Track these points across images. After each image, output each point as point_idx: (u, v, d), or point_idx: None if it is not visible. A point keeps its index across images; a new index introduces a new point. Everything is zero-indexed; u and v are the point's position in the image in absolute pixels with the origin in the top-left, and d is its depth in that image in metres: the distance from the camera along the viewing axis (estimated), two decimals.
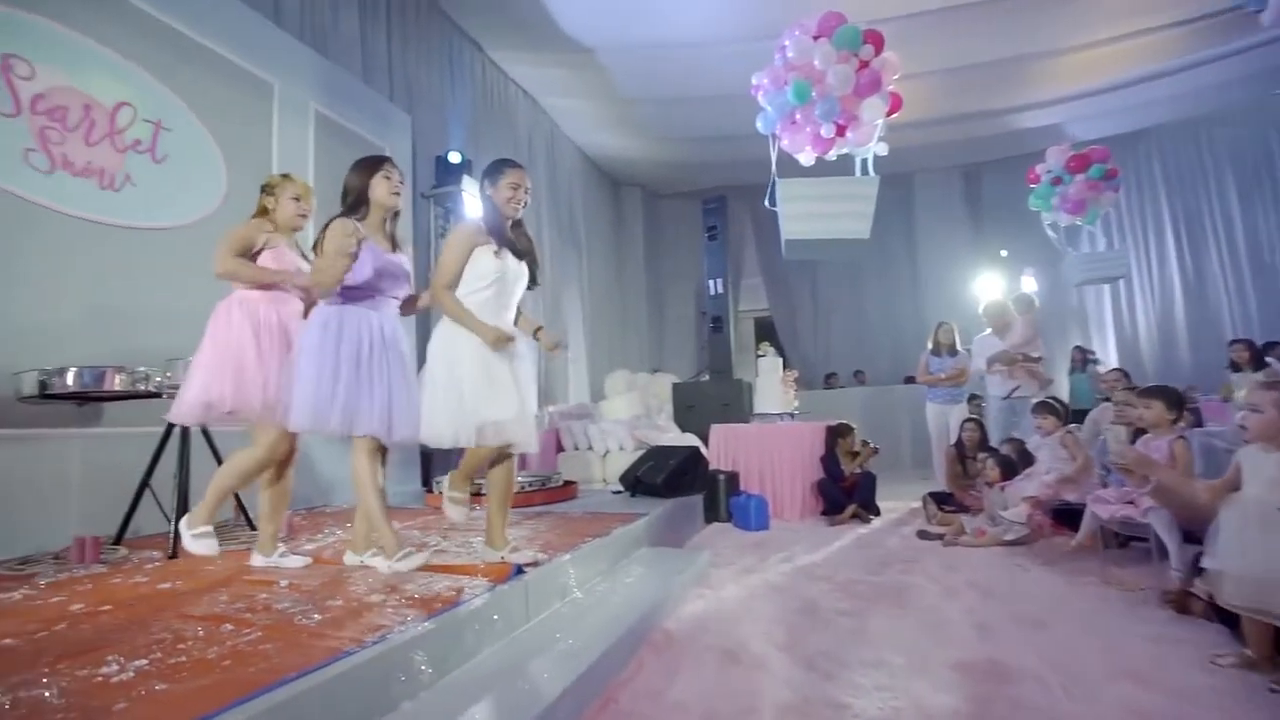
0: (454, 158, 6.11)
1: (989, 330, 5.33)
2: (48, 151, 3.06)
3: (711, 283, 6.64)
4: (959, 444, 4.61)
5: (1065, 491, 3.37)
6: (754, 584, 2.84)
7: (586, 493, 4.53)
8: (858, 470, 4.61)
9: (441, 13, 6.96)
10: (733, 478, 4.54)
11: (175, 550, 2.53)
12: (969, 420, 4.69)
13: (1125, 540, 3.10)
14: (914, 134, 8.09)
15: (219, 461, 2.91)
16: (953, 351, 5.21)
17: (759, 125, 4.93)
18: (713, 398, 6.07)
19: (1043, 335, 5.40)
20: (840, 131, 4.55)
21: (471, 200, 6.05)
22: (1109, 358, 8.98)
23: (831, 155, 4.83)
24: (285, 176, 2.51)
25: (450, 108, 7.08)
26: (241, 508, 3.10)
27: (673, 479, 4.04)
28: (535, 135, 8.74)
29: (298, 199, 2.45)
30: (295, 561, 2.35)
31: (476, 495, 3.55)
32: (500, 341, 2.13)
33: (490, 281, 2.19)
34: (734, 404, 5.90)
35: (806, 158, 4.93)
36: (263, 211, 2.46)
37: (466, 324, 2.12)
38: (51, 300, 2.96)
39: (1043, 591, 2.65)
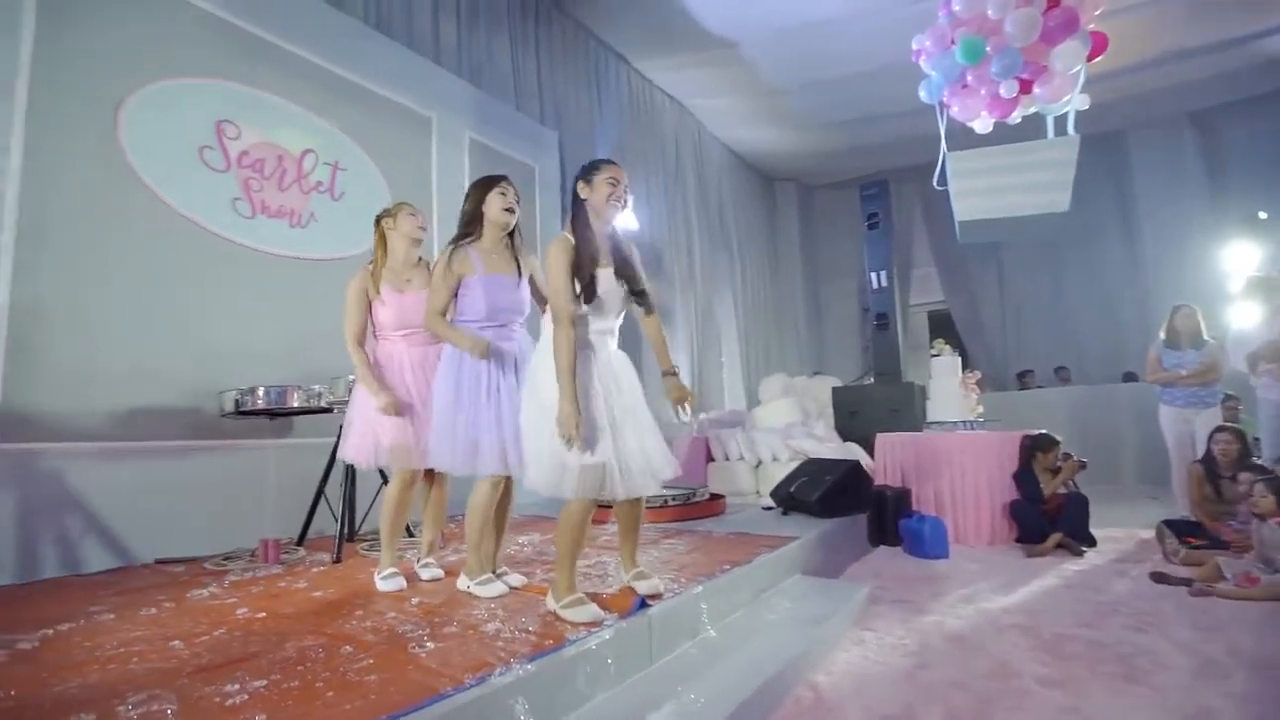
0: None
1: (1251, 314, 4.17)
2: (250, 199, 3.52)
3: (874, 275, 6.00)
4: (1208, 459, 3.63)
5: None
6: (926, 629, 2.39)
7: (736, 508, 4.27)
8: (1063, 490, 3.82)
9: (588, 31, 7.14)
10: (903, 496, 4.00)
11: (339, 555, 2.73)
12: (1223, 430, 3.68)
13: None
14: (1125, 81, 6.73)
15: (382, 475, 3.12)
16: (1196, 343, 4.12)
17: (922, 94, 4.34)
18: (879, 403, 5.47)
19: None
20: (1025, 88, 3.85)
21: None
22: None
23: (1015, 118, 4.11)
24: (400, 203, 2.57)
25: (597, 122, 7.24)
26: None
27: (830, 496, 3.63)
28: (682, 138, 8.66)
29: (414, 215, 2.51)
30: (433, 573, 2.39)
31: (606, 507, 3.46)
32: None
33: (586, 310, 1.92)
34: (904, 410, 5.26)
35: (983, 124, 4.25)
36: (381, 239, 2.52)
37: (560, 361, 1.82)
38: (250, 327, 3.39)
39: None
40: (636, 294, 2.04)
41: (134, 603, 2.11)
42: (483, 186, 2.26)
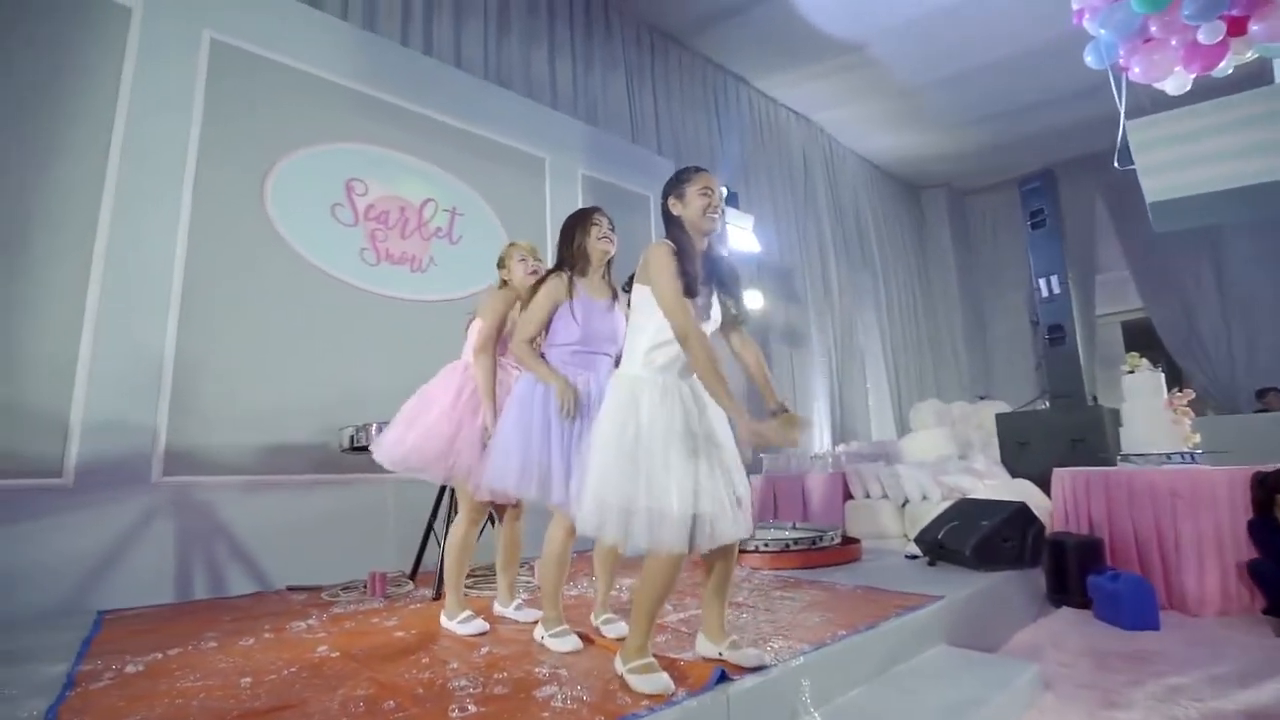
0: None
1: None
2: (375, 248, 3.78)
3: (1042, 282, 5.14)
4: None
5: None
6: None
7: (874, 554, 3.72)
8: None
9: (704, 59, 7.10)
10: (1091, 547, 3.23)
11: (439, 592, 2.71)
12: None
13: None
14: None
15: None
16: None
17: (1089, 60, 3.64)
18: (1056, 431, 4.59)
19: None
20: (1236, 27, 3.05)
21: (734, 232, 5.85)
22: None
23: (1224, 68, 3.28)
24: (512, 244, 2.56)
25: (717, 147, 7.12)
26: None
27: (987, 545, 3.02)
28: (811, 154, 8.26)
29: (524, 260, 2.48)
30: (528, 615, 2.30)
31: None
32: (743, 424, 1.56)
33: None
34: (1090, 439, 4.36)
35: (1177, 84, 3.45)
36: (503, 284, 2.54)
37: (709, 380, 1.60)
38: (374, 367, 3.60)
39: None
40: (732, 317, 1.83)
41: (242, 630, 2.21)
42: (578, 222, 2.19)
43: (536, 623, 2.23)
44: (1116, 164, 3.72)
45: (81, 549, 2.68)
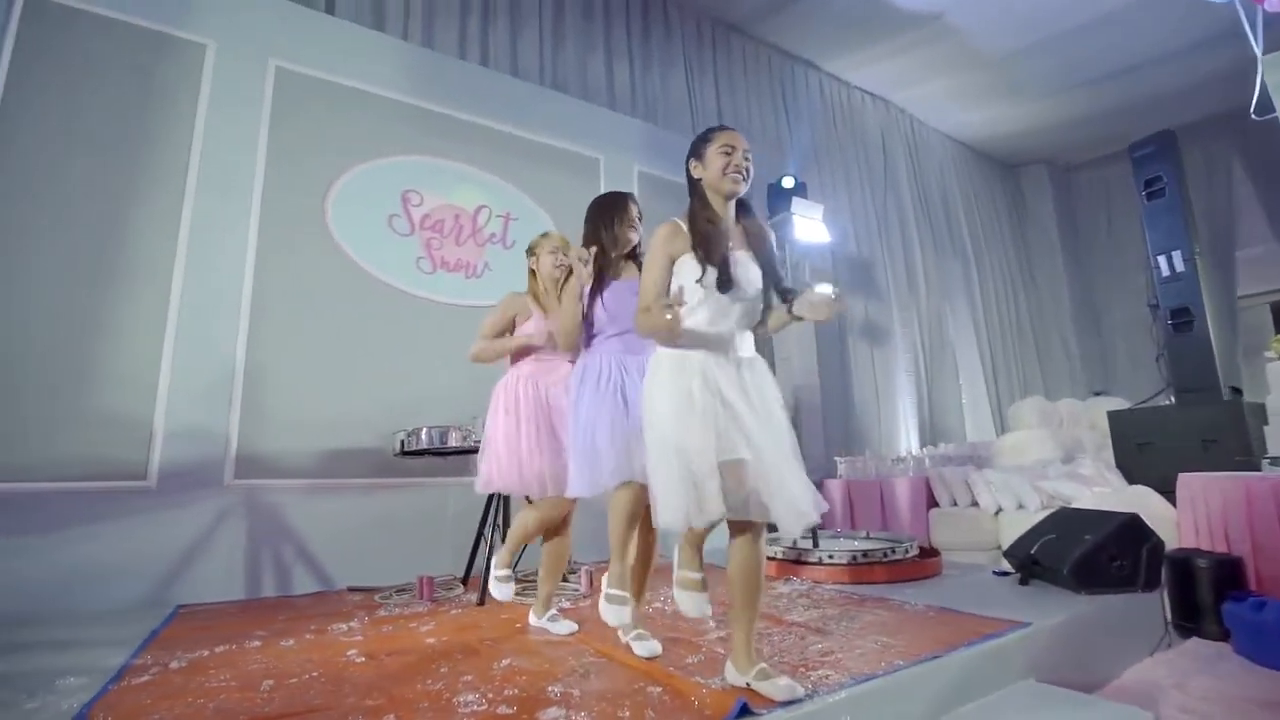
0: (786, 183, 5.76)
1: None
2: (431, 256, 3.85)
3: (1162, 260, 4.50)
4: None
5: None
6: None
7: (959, 569, 3.35)
8: None
9: (770, 46, 6.85)
10: (1228, 567, 2.73)
11: (483, 598, 2.68)
12: None
13: None
14: None
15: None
16: None
17: None
18: (1183, 430, 3.99)
19: None
20: None
21: (802, 223, 5.55)
22: None
23: None
24: (544, 235, 2.52)
25: (785, 137, 6.83)
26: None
27: (1089, 563, 2.61)
28: (890, 137, 7.77)
29: (554, 252, 2.43)
30: (563, 627, 2.21)
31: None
32: (673, 325, 1.48)
33: (699, 300, 1.62)
34: (1227, 439, 3.74)
35: None
36: (531, 274, 2.51)
37: (651, 327, 1.58)
38: (431, 373, 3.65)
39: None
40: (782, 291, 1.73)
41: (288, 631, 2.26)
42: (614, 212, 2.12)
43: (570, 635, 2.16)
44: (1254, 114, 3.19)
45: (163, 546, 2.87)
